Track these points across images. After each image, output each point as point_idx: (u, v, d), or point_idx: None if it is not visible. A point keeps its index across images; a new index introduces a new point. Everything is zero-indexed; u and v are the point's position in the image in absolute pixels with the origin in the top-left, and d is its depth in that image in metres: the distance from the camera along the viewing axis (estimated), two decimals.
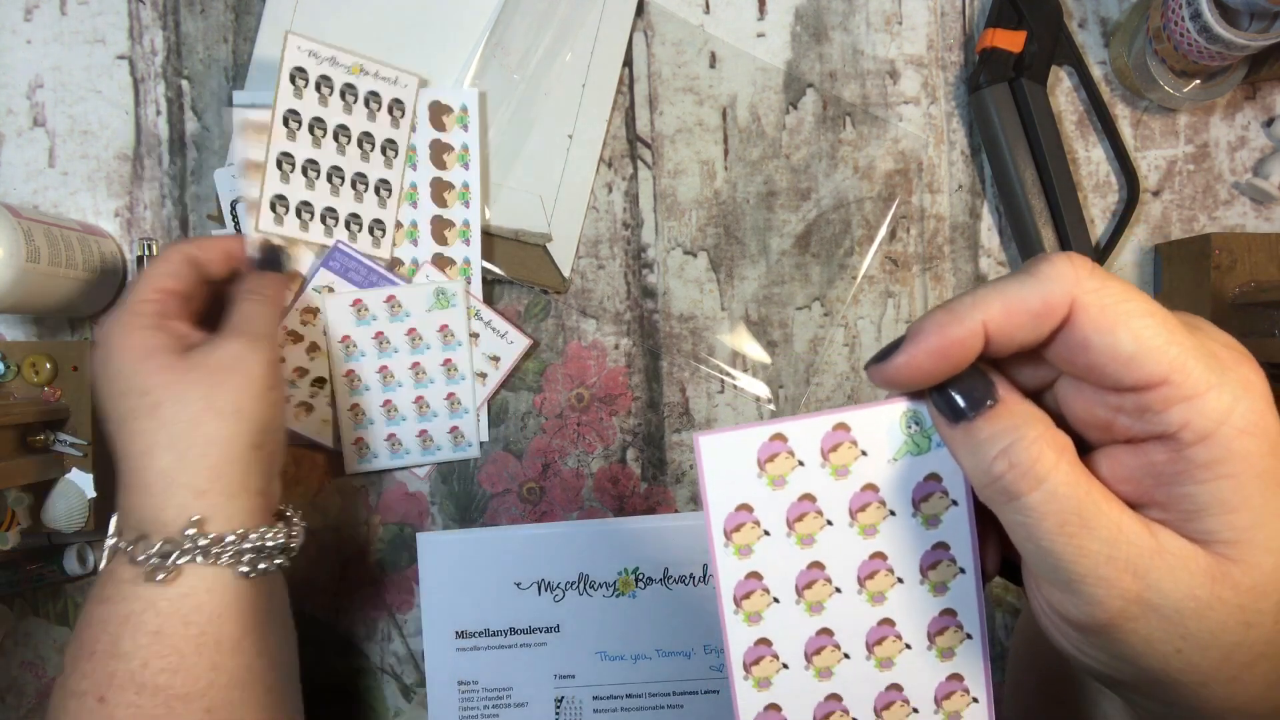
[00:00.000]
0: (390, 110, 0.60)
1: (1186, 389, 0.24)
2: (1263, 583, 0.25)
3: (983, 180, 0.64)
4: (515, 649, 0.61)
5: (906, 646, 0.31)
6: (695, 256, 0.64)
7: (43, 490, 0.57)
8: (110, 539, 0.47)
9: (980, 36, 0.62)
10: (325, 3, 0.61)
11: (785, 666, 0.31)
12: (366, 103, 0.60)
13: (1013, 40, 0.61)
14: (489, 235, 0.62)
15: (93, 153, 0.63)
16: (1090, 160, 0.64)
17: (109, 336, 0.49)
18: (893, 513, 0.30)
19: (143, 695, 0.44)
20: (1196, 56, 0.56)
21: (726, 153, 0.64)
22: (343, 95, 0.60)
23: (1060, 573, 0.26)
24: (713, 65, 0.64)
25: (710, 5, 0.64)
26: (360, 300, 0.61)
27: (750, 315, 0.64)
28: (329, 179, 0.60)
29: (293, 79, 0.58)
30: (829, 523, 0.30)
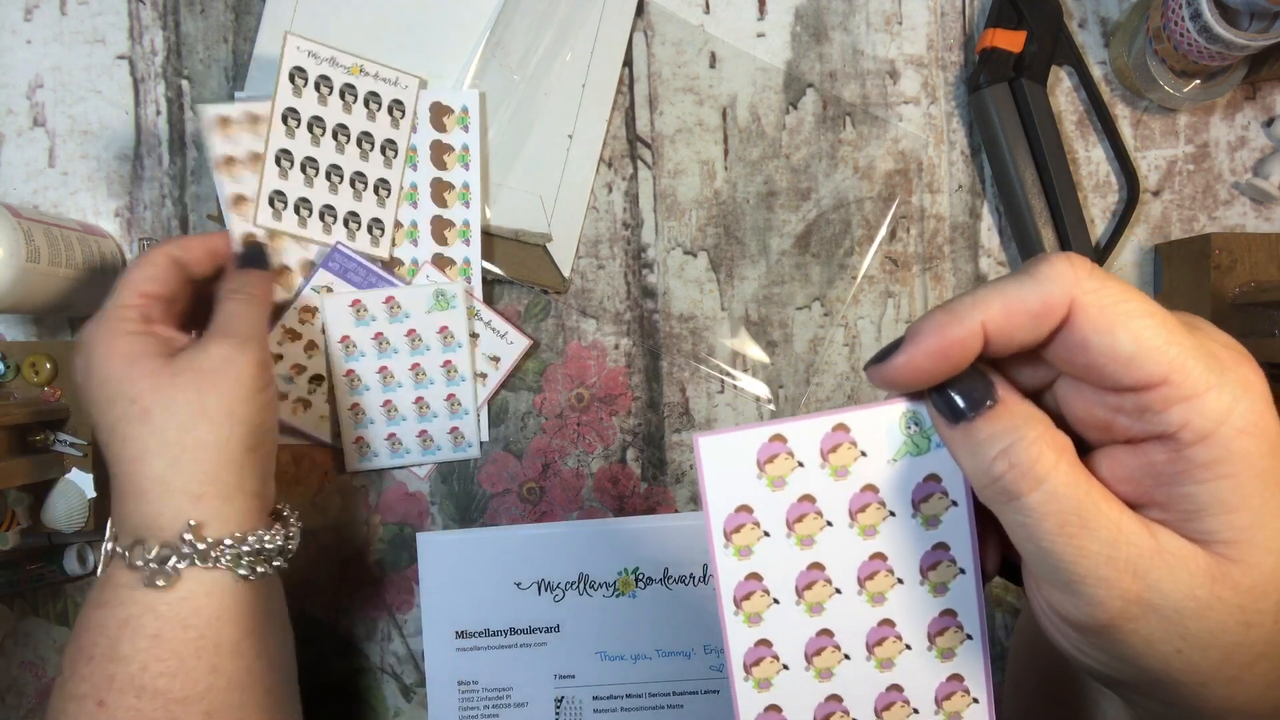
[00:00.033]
0: (390, 111, 0.60)
1: (1186, 389, 0.24)
2: (1262, 583, 0.25)
3: (983, 180, 0.64)
4: (515, 649, 0.61)
5: (907, 647, 0.31)
6: (695, 256, 0.64)
7: (43, 490, 0.57)
8: (107, 544, 0.47)
9: (980, 36, 0.62)
10: (325, 3, 0.61)
11: (785, 667, 0.31)
12: (366, 103, 0.60)
13: (1013, 40, 0.61)
14: (489, 235, 0.62)
15: (93, 153, 0.63)
16: (1090, 160, 0.64)
17: (92, 343, 0.48)
18: (892, 513, 0.30)
19: (142, 698, 0.44)
20: (1196, 56, 0.56)
21: (726, 153, 0.64)
22: (342, 95, 0.60)
23: (1060, 573, 0.26)
24: (713, 65, 0.64)
25: (710, 5, 0.64)
26: (359, 301, 0.61)
27: (750, 315, 0.64)
28: (328, 177, 0.60)
29: (291, 78, 0.59)
30: (829, 523, 0.30)
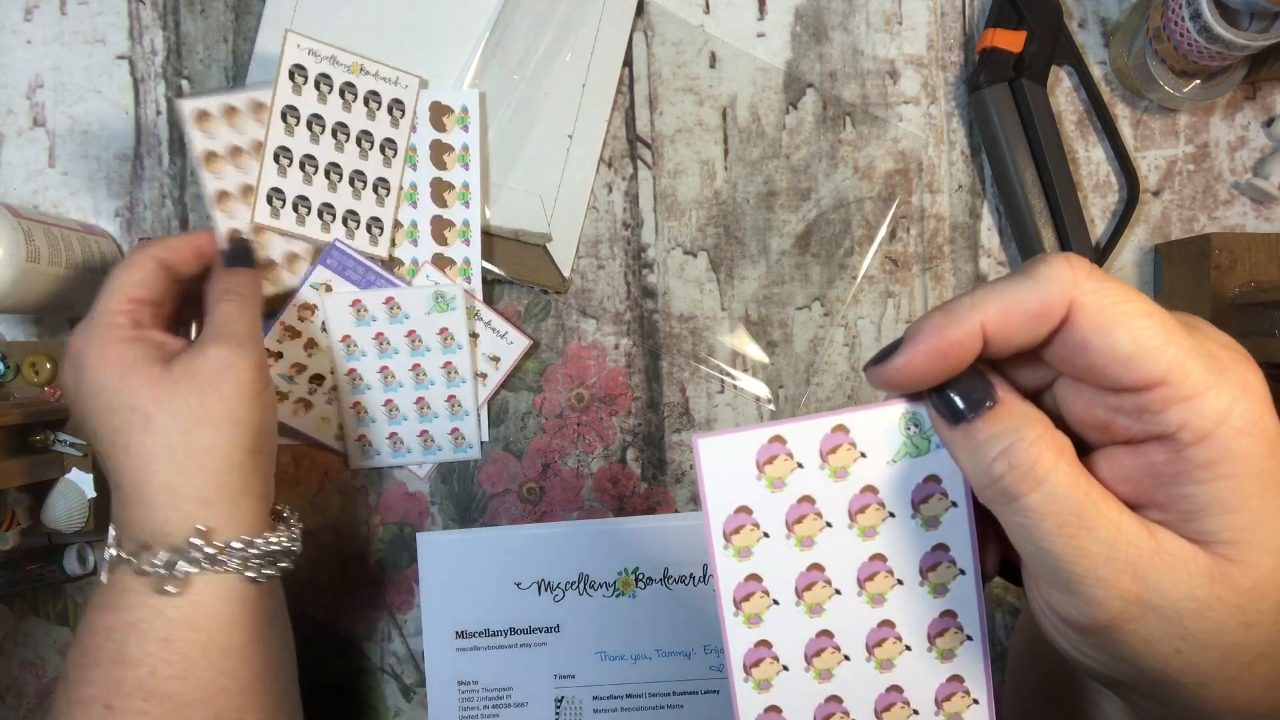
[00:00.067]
0: (390, 110, 0.60)
1: (1185, 389, 0.24)
2: (1262, 583, 0.25)
3: (983, 180, 0.64)
4: (515, 649, 0.61)
5: (906, 648, 0.31)
6: (695, 256, 0.64)
7: (43, 490, 0.57)
8: (110, 550, 0.47)
9: (980, 36, 0.62)
10: (325, 3, 0.61)
11: (785, 668, 0.31)
12: (366, 102, 0.60)
13: (1013, 40, 0.61)
14: (489, 235, 0.62)
15: (93, 153, 0.63)
16: (1090, 160, 0.64)
17: (83, 352, 0.48)
18: (892, 514, 0.30)
19: (151, 701, 0.44)
20: (1196, 56, 0.56)
21: (726, 153, 0.64)
22: (342, 94, 0.60)
23: (1060, 574, 0.26)
24: (713, 65, 0.64)
25: (710, 5, 0.64)
26: (359, 301, 0.61)
27: (750, 315, 0.64)
28: (326, 175, 0.60)
29: (291, 75, 0.59)
30: (828, 524, 0.30)
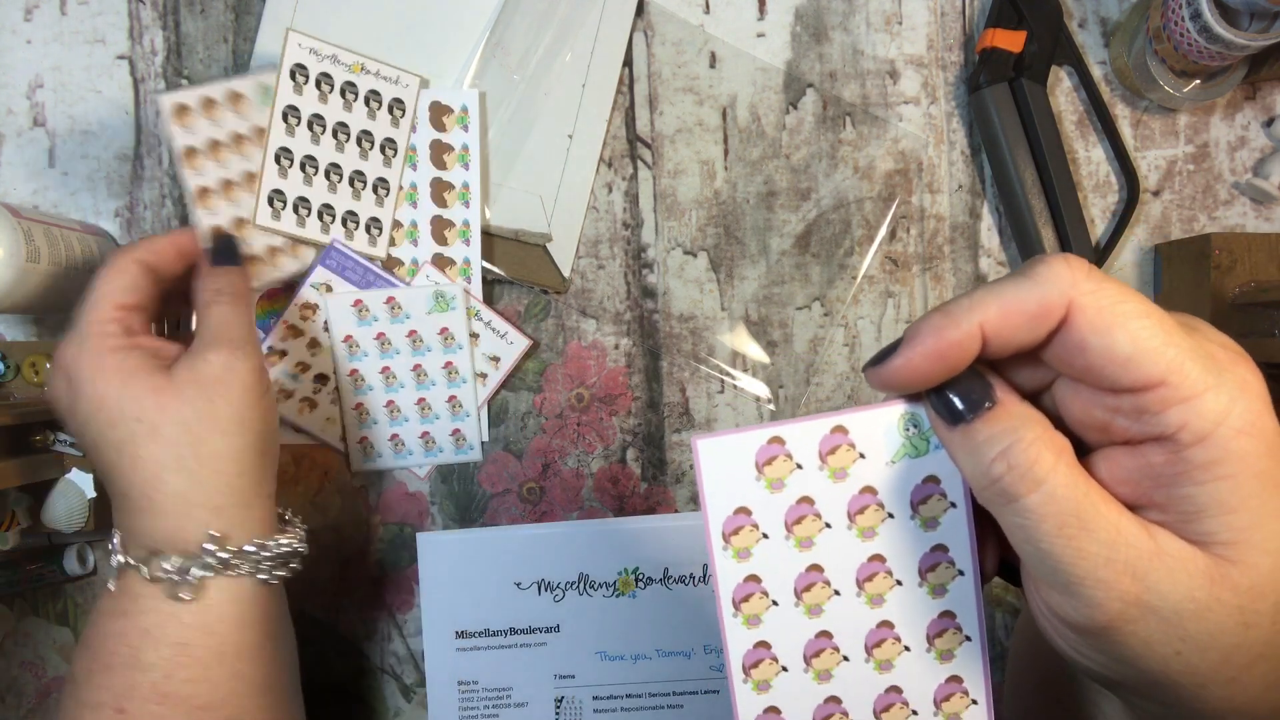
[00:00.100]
0: (390, 109, 0.60)
1: (1184, 390, 0.24)
2: (1261, 584, 0.25)
3: (983, 180, 0.64)
4: (515, 649, 0.61)
5: (906, 648, 0.31)
6: (695, 256, 0.64)
7: (43, 490, 0.57)
8: (117, 558, 0.46)
9: (980, 36, 0.62)
10: (325, 3, 0.61)
11: (784, 669, 0.31)
12: (367, 101, 0.60)
13: (1013, 40, 0.61)
14: (489, 235, 0.62)
15: (93, 153, 0.63)
16: (1090, 160, 0.64)
17: (76, 366, 0.47)
18: (891, 515, 0.30)
19: (165, 706, 0.44)
20: (1196, 56, 0.56)
21: (726, 153, 0.64)
22: (343, 93, 0.60)
23: (1059, 575, 0.26)
24: (713, 65, 0.64)
25: (710, 5, 0.64)
26: (361, 301, 0.61)
27: (750, 315, 0.64)
28: (327, 175, 0.60)
29: (293, 75, 0.58)
30: (827, 525, 0.30)
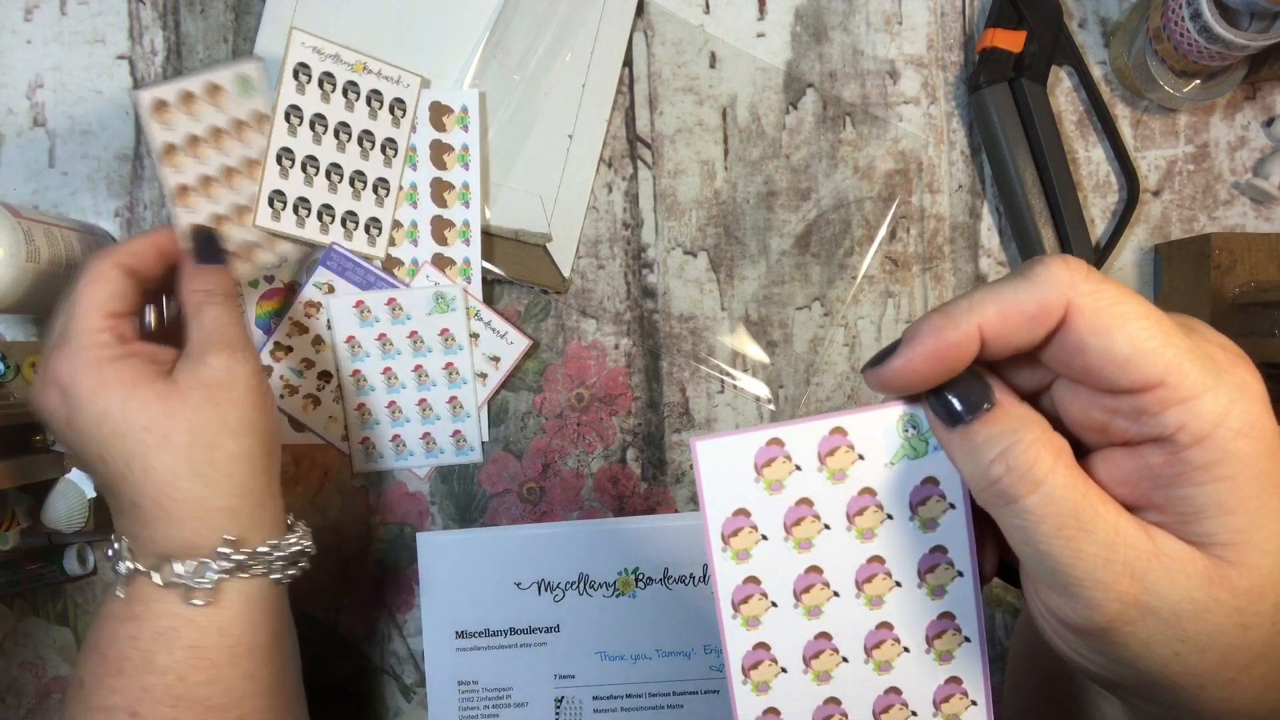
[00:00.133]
0: (392, 109, 0.60)
1: (1182, 391, 0.24)
2: (1260, 585, 0.25)
3: (983, 180, 0.64)
4: (515, 649, 0.61)
5: (905, 650, 0.31)
6: (695, 256, 0.64)
7: (43, 490, 0.57)
8: (126, 565, 0.46)
9: (980, 36, 0.61)
10: (325, 3, 0.61)
11: (784, 670, 0.31)
12: (368, 101, 0.60)
13: (1013, 40, 0.60)
14: (489, 235, 0.62)
15: (93, 153, 0.63)
16: (1090, 160, 0.64)
17: (76, 381, 0.45)
18: (890, 516, 0.30)
19: (179, 708, 0.44)
20: (1196, 56, 0.56)
21: (726, 153, 0.64)
22: (345, 93, 0.60)
23: (1058, 576, 0.26)
24: (713, 65, 0.64)
25: (710, 5, 0.64)
26: (363, 302, 0.61)
27: (750, 315, 0.64)
28: (327, 175, 0.60)
29: (295, 74, 0.58)
30: (826, 527, 0.30)
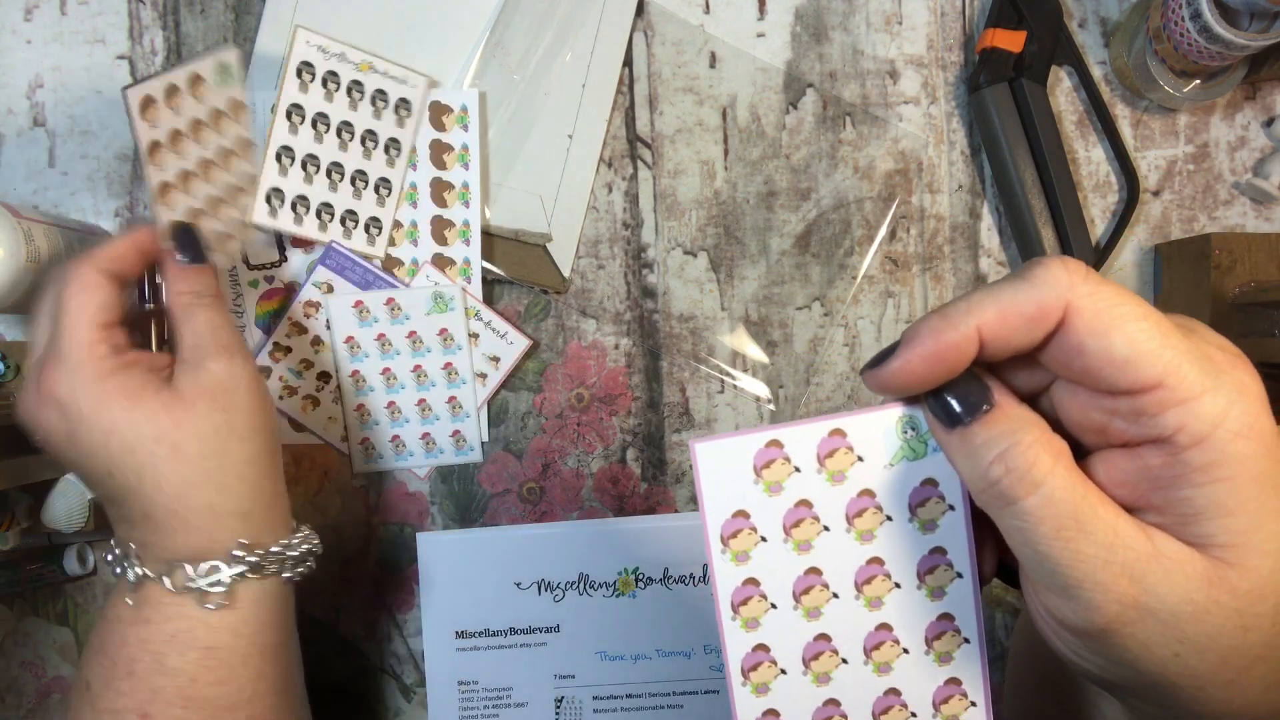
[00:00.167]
0: (397, 110, 0.60)
1: (1181, 392, 0.24)
2: (1260, 586, 0.25)
3: (983, 180, 0.64)
4: (515, 649, 0.61)
5: (904, 651, 0.31)
6: (695, 256, 0.64)
7: (43, 490, 0.57)
8: (135, 571, 0.45)
9: (980, 36, 0.61)
10: (325, 3, 0.61)
11: (783, 672, 0.31)
12: (373, 100, 0.60)
13: (1013, 40, 0.60)
14: (489, 235, 0.62)
15: (93, 153, 0.63)
16: (1090, 160, 0.64)
17: (77, 398, 0.44)
18: (889, 518, 0.30)
19: (190, 709, 0.44)
20: (1196, 56, 0.56)
21: (726, 153, 0.64)
22: (349, 92, 0.60)
23: (1057, 577, 0.26)
24: (713, 65, 0.64)
25: (710, 5, 0.64)
26: (362, 302, 0.61)
27: (750, 315, 0.64)
28: (328, 174, 0.60)
29: (299, 73, 0.58)
30: (826, 528, 0.30)
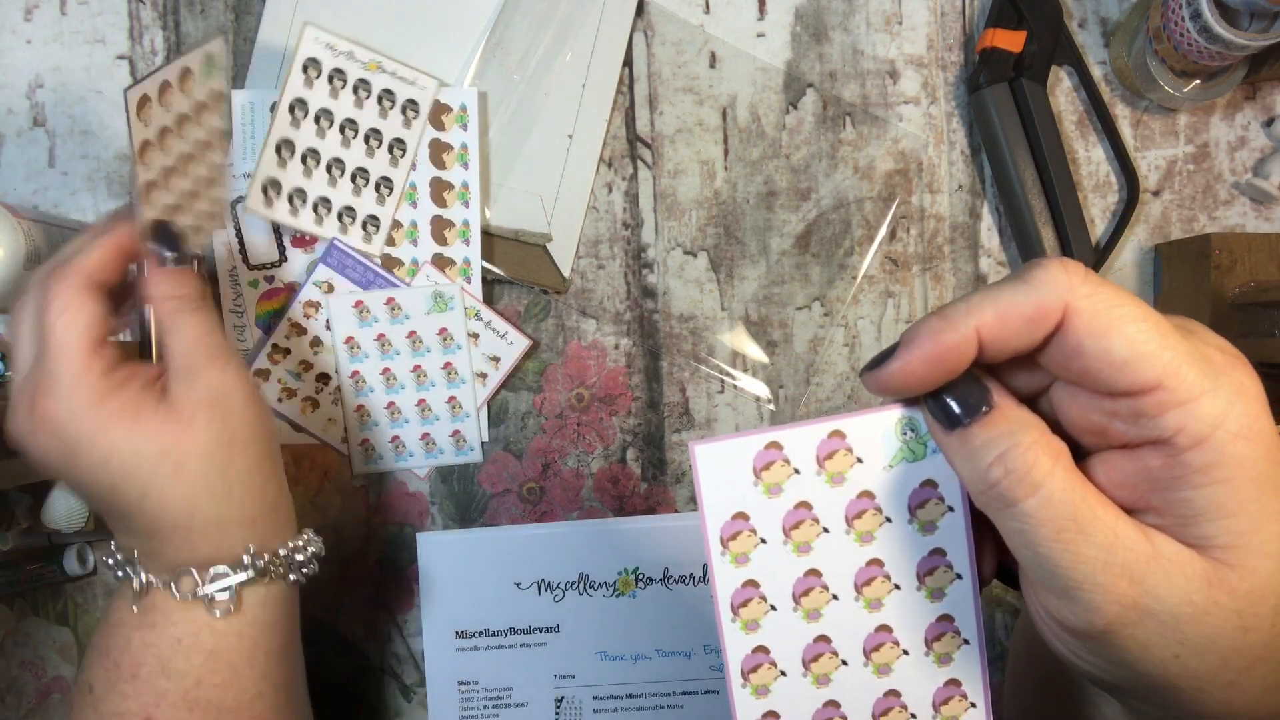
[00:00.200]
0: (404, 110, 0.60)
1: (1181, 394, 0.24)
2: (1259, 587, 0.25)
3: (983, 180, 0.64)
4: (515, 649, 0.61)
5: (904, 652, 0.31)
6: (695, 256, 0.64)
7: (43, 490, 0.57)
8: (140, 579, 0.45)
9: (980, 36, 0.61)
10: (325, 3, 0.61)
11: (783, 674, 0.31)
12: (379, 100, 0.60)
13: (1013, 40, 0.60)
14: (489, 235, 0.62)
15: (93, 153, 0.63)
16: (1090, 160, 0.64)
17: (73, 422, 0.43)
18: (889, 519, 0.30)
19: (194, 712, 0.44)
20: (1196, 56, 0.56)
21: (726, 153, 0.64)
22: (355, 90, 0.60)
23: (1057, 579, 0.26)
24: (713, 65, 0.64)
25: (710, 5, 0.64)
26: (362, 302, 0.61)
27: (750, 315, 0.64)
28: (328, 170, 0.60)
29: (305, 69, 0.59)
30: (825, 530, 0.30)
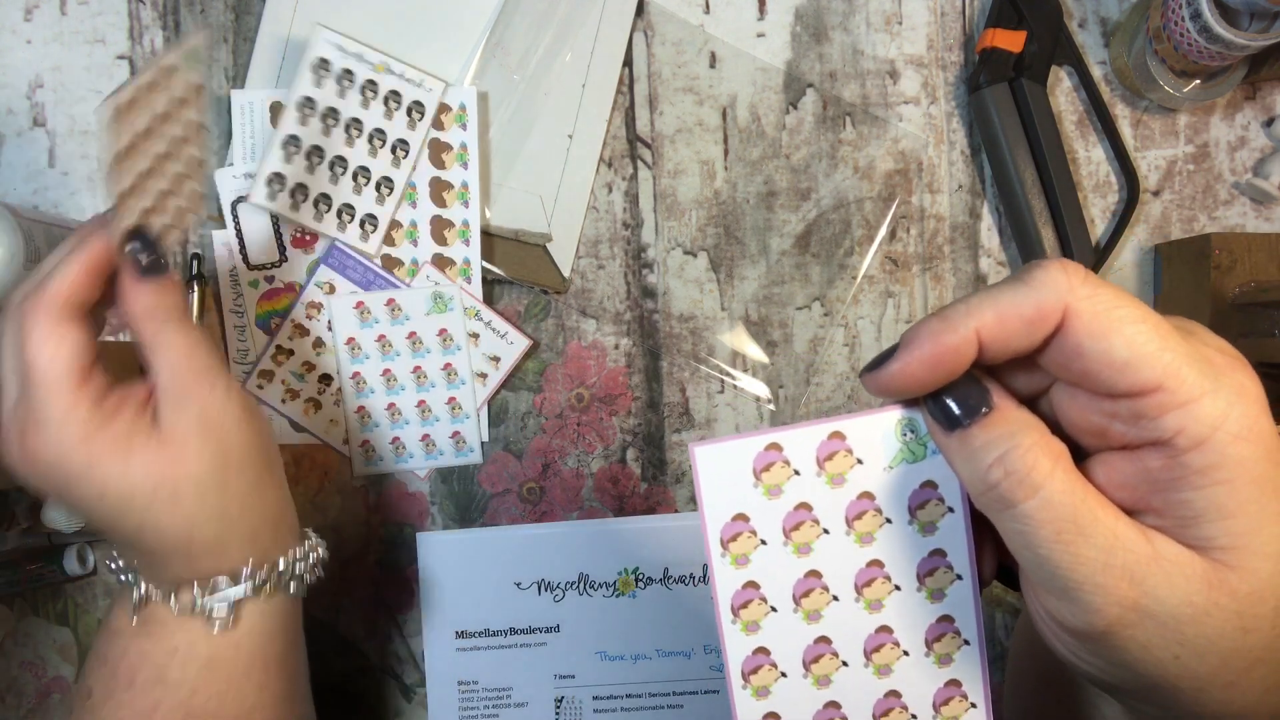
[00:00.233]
0: (409, 112, 0.60)
1: (1180, 395, 0.24)
2: (1259, 588, 0.25)
3: (983, 180, 0.64)
4: (515, 649, 0.61)
5: (904, 653, 0.31)
6: (695, 256, 0.64)
7: None
8: (139, 592, 0.44)
9: (980, 36, 0.61)
10: (325, 3, 0.61)
11: (784, 675, 0.31)
12: (386, 101, 0.60)
13: (1013, 40, 0.60)
14: (489, 235, 0.62)
15: (93, 153, 0.63)
16: (1090, 160, 0.64)
17: (64, 462, 0.41)
18: (889, 520, 0.30)
19: None
20: (1196, 56, 0.56)
21: (726, 153, 0.64)
22: (363, 91, 0.60)
23: (1057, 580, 0.26)
24: (713, 65, 0.64)
25: (710, 5, 0.64)
26: (363, 303, 0.61)
27: (750, 315, 0.64)
28: (331, 167, 0.60)
29: (315, 68, 0.59)
30: (825, 531, 0.30)
